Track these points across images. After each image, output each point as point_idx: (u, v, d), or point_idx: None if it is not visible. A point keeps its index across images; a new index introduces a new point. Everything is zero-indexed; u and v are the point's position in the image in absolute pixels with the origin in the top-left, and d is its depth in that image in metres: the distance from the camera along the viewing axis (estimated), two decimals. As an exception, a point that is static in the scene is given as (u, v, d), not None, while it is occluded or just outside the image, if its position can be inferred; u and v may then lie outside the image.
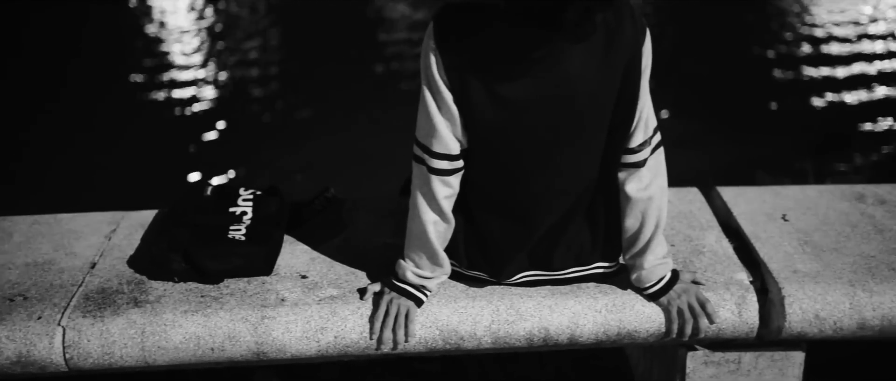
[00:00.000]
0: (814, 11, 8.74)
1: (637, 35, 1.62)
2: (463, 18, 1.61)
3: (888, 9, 8.83)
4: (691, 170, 3.97)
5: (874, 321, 1.89)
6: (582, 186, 1.76)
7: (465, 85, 1.61)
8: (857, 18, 8.47)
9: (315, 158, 5.04)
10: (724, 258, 2.03)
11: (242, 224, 2.04)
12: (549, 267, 1.85)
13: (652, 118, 1.73)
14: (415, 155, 1.72)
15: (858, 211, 2.24)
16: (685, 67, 6.70)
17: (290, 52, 7.45)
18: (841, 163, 5.37)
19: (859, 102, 6.23)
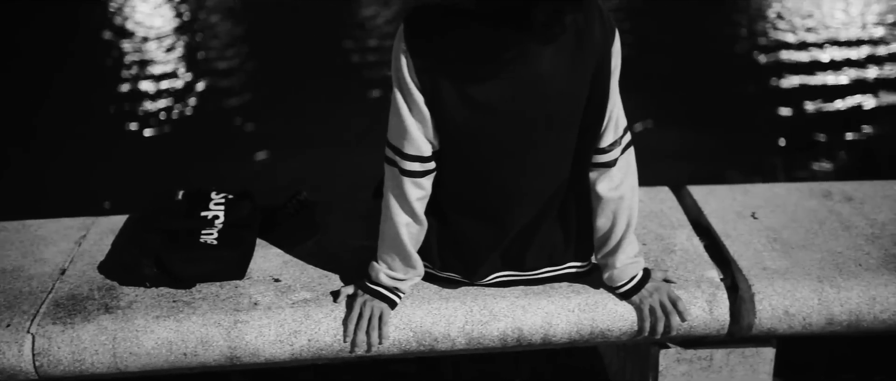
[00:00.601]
0: (784, 12, 8.84)
1: (606, 36, 1.63)
2: (433, 20, 1.61)
3: (857, 9, 8.96)
4: (662, 169, 4.00)
5: (842, 316, 1.91)
6: (554, 187, 1.77)
7: (436, 86, 1.62)
8: (826, 19, 8.58)
9: (287, 161, 5.02)
10: (694, 257, 2.05)
11: (214, 228, 2.03)
12: (521, 267, 1.86)
13: (622, 118, 1.74)
14: (386, 157, 1.72)
15: (826, 208, 2.27)
16: (656, 67, 6.75)
17: (261, 55, 7.41)
18: (810, 160, 5.44)
19: (828, 100, 6.31)
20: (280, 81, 6.54)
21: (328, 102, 5.98)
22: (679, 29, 8.13)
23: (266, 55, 7.28)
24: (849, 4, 9.09)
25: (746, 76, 6.98)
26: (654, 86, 6.23)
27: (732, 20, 8.71)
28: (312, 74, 6.62)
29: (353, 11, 8.73)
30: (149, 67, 6.86)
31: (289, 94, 6.20)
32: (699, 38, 7.91)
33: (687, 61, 7.15)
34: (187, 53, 7.29)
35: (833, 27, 8.31)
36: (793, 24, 8.39)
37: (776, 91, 6.56)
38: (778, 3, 9.15)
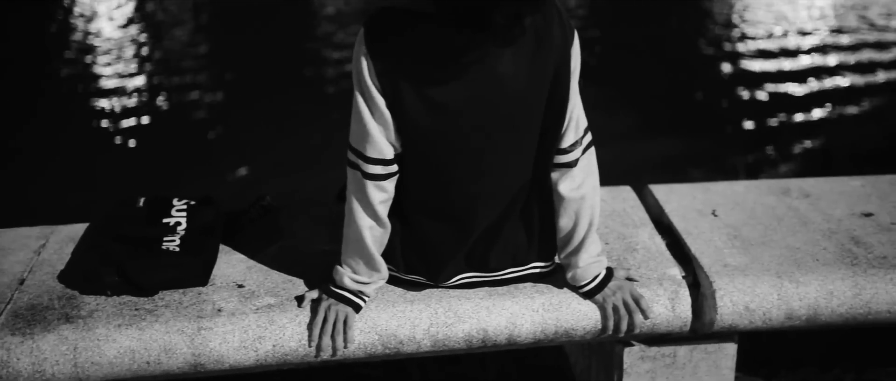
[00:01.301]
0: (744, 10, 8.96)
1: (566, 37, 1.65)
2: (394, 23, 1.62)
3: (817, 12, 9.10)
4: (625, 168, 4.03)
5: (801, 310, 1.95)
6: (516, 187, 1.78)
7: (397, 89, 1.62)
8: (787, 21, 8.70)
9: (250, 166, 4.99)
10: (657, 255, 2.08)
11: (176, 235, 2.01)
12: (486, 268, 1.87)
13: (582, 119, 1.76)
14: (349, 161, 1.72)
15: (784, 205, 2.31)
16: (616, 67, 6.80)
17: (223, 62, 7.36)
18: (770, 158, 5.51)
19: (788, 100, 6.41)
20: (242, 87, 6.49)
21: (290, 107, 5.95)
22: (640, 30, 8.20)
23: (229, 62, 7.23)
24: (809, 8, 9.24)
25: (707, 76, 7.06)
26: (616, 86, 6.28)
27: (694, 21, 8.81)
28: (275, 79, 6.58)
29: (316, 18, 8.70)
30: (110, 75, 6.77)
31: (251, 100, 6.16)
32: (660, 39, 7.99)
33: (648, 62, 7.22)
34: (148, 62, 7.22)
35: (794, 29, 8.44)
36: (754, 26, 8.51)
37: (737, 91, 6.65)
38: (739, 5, 9.27)
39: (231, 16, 8.64)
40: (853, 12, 8.95)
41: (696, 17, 8.93)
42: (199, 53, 7.61)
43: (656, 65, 7.15)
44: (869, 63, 7.33)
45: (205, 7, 9.09)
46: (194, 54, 7.56)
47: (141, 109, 5.99)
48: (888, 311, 1.97)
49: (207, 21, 8.73)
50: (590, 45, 7.10)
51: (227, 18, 8.61)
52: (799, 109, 6.21)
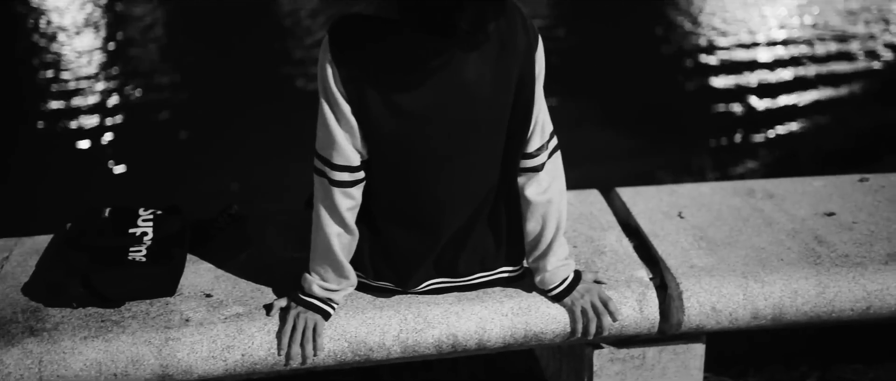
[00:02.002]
0: (711, 13, 9.05)
1: (530, 42, 1.66)
2: (358, 30, 1.62)
3: (783, 11, 9.22)
4: (593, 171, 4.06)
5: (766, 310, 1.97)
6: (483, 192, 1.79)
7: (362, 96, 1.62)
8: (752, 20, 8.81)
9: (218, 175, 4.95)
10: (624, 257, 2.09)
11: (143, 245, 1.99)
12: (454, 274, 1.87)
13: (548, 123, 1.77)
14: (315, 168, 1.72)
15: (749, 206, 2.34)
16: (584, 71, 6.85)
17: (190, 69, 7.30)
18: (737, 159, 5.58)
19: (755, 100, 6.49)
20: (209, 95, 6.45)
21: (257, 115, 5.91)
22: (607, 31, 8.26)
23: (195, 72, 7.17)
24: (774, 6, 9.36)
25: (674, 78, 7.13)
26: (583, 90, 6.32)
27: (660, 21, 8.88)
28: (241, 87, 6.55)
29: (282, 25, 8.67)
30: (72, 85, 6.69)
31: (217, 108, 6.12)
32: (627, 41, 8.05)
33: (615, 64, 7.27)
34: (113, 73, 7.15)
35: (760, 29, 8.54)
36: (720, 26, 8.60)
37: (702, 93, 6.72)
38: (706, 4, 9.37)
39: (197, 24, 8.59)
40: (815, 16, 9.08)
41: (663, 17, 9.01)
42: (165, 64, 7.55)
43: (622, 68, 7.20)
44: (831, 65, 7.45)
45: (171, 17, 9.03)
46: (161, 64, 7.50)
47: (105, 120, 5.93)
48: (851, 309, 2.00)
49: (174, 30, 8.67)
50: (555, 49, 7.14)
51: (193, 27, 8.55)
52: (764, 111, 6.29)
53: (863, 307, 2.00)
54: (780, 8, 9.31)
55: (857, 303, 2.00)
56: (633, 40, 8.09)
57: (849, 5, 9.34)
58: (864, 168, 2.80)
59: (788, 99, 6.56)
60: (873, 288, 2.00)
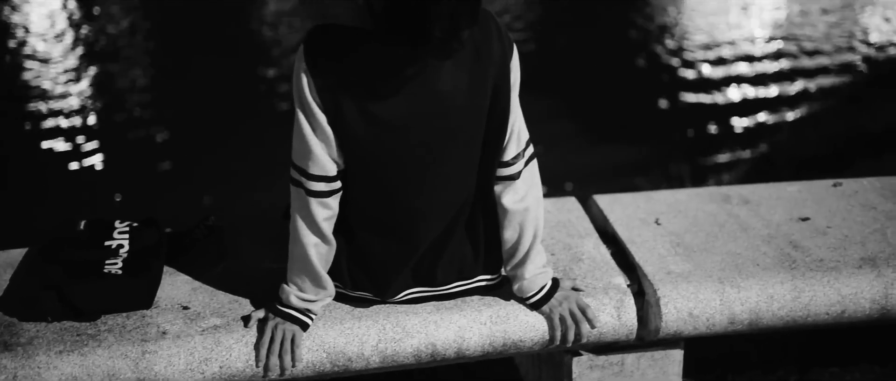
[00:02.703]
0: (687, 22, 9.12)
1: (504, 51, 1.67)
2: (332, 39, 1.62)
3: (758, 20, 9.30)
4: (571, 179, 4.08)
5: (743, 315, 1.99)
6: (460, 201, 1.79)
7: (338, 105, 1.62)
8: (729, 28, 8.88)
9: (194, 186, 4.92)
10: (602, 264, 2.10)
11: (119, 258, 1.98)
12: (433, 283, 1.87)
13: (524, 131, 1.78)
14: (292, 178, 1.71)
15: (725, 212, 2.35)
16: (561, 79, 6.87)
17: (165, 80, 7.26)
18: (714, 165, 5.62)
19: (731, 107, 6.54)
20: (185, 106, 6.42)
21: (233, 126, 5.89)
22: (583, 39, 8.30)
23: (173, 82, 7.14)
24: (751, 16, 9.44)
25: (651, 85, 7.17)
26: (559, 97, 6.34)
27: (637, 30, 8.94)
28: (218, 98, 6.52)
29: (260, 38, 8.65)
30: (46, 97, 6.64)
31: (194, 118, 6.09)
32: (604, 49, 8.10)
33: (592, 71, 7.31)
34: (88, 82, 7.09)
35: (736, 37, 8.61)
36: (696, 35, 8.66)
37: (679, 99, 6.77)
38: (681, 13, 9.43)
39: (174, 36, 8.55)
40: (791, 21, 9.17)
41: (640, 26, 9.07)
42: (143, 77, 7.51)
43: (600, 74, 7.24)
44: (805, 72, 7.52)
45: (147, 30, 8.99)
46: (138, 78, 7.45)
47: (81, 133, 5.88)
48: (826, 313, 2.02)
49: (150, 44, 8.62)
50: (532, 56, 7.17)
51: (170, 40, 8.51)
52: (740, 116, 6.34)
53: (838, 311, 2.02)
54: (755, 17, 9.39)
55: (831, 307, 2.01)
56: (609, 48, 8.14)
57: (822, 13, 9.43)
58: (838, 173, 2.84)
59: (764, 105, 6.62)
60: (847, 292, 2.02)
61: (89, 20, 8.94)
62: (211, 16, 8.83)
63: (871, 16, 9.37)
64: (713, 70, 7.44)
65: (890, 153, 4.71)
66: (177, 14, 8.88)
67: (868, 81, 7.24)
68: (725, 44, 8.22)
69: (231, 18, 8.96)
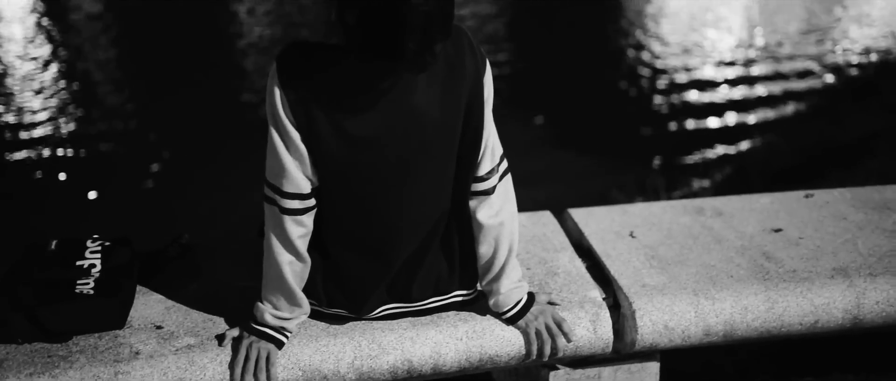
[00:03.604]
0: (661, 35, 9.21)
1: (477, 66, 1.67)
2: (305, 56, 1.62)
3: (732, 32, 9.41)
4: (545, 193, 4.08)
5: (718, 326, 2.00)
6: (435, 216, 1.79)
7: (311, 123, 1.62)
8: (702, 41, 8.97)
9: (168, 204, 4.89)
10: (577, 278, 2.11)
11: (90, 277, 1.96)
12: (408, 299, 1.87)
13: (498, 146, 1.78)
14: (265, 196, 1.71)
15: (699, 224, 2.37)
16: (535, 92, 6.91)
17: (140, 96, 7.22)
18: (689, 176, 5.65)
19: (705, 120, 6.60)
20: (159, 122, 6.38)
21: (207, 143, 5.87)
22: (558, 53, 8.35)
23: (146, 100, 7.10)
24: (723, 29, 9.54)
25: (625, 98, 7.23)
26: (534, 111, 6.37)
27: (611, 42, 9.01)
28: (191, 115, 6.49)
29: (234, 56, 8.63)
30: (23, 112, 6.57)
31: (167, 135, 6.06)
32: (578, 63, 8.15)
33: (566, 85, 7.35)
34: (62, 100, 7.03)
35: (709, 49, 8.70)
36: (671, 48, 8.74)
37: (655, 112, 6.82)
38: (656, 29, 9.52)
39: (149, 54, 8.51)
40: (764, 37, 9.29)
41: (614, 38, 9.14)
42: (116, 95, 7.46)
43: (574, 87, 7.28)
44: (778, 84, 7.61)
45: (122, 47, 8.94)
46: (111, 96, 7.41)
47: (54, 151, 5.82)
48: (800, 323, 2.03)
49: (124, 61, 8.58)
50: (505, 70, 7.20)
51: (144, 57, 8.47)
52: (716, 129, 6.40)
53: (811, 321, 2.04)
54: (728, 29, 9.50)
55: (805, 317, 2.03)
56: (584, 63, 8.19)
57: (794, 26, 9.56)
58: (810, 184, 2.87)
59: (738, 117, 6.69)
60: (820, 302, 2.04)
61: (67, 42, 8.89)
62: (189, 36, 8.81)
63: (840, 30, 9.51)
64: (687, 84, 7.51)
65: (860, 164, 4.76)
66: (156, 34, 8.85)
67: (838, 93, 7.34)
68: (699, 57, 8.31)
69: (210, 40, 8.94)
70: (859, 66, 8.32)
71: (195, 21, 9.08)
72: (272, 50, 8.56)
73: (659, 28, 9.60)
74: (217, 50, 8.76)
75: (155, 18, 9.20)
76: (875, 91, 6.70)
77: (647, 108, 6.97)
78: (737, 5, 10.06)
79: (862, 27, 9.61)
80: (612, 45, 8.99)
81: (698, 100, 7.09)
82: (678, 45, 8.89)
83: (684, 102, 7.04)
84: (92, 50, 8.68)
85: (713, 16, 9.79)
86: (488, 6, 9.69)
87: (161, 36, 8.84)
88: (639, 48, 8.80)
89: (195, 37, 8.87)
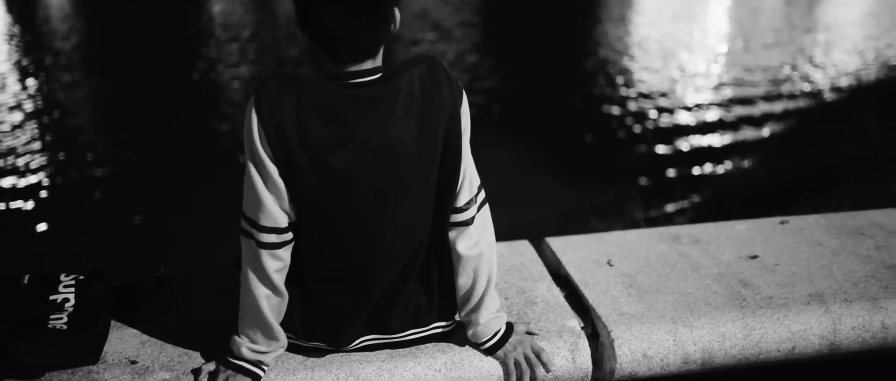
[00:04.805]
0: (638, 63, 9.30)
1: (454, 97, 1.68)
2: (283, 90, 1.62)
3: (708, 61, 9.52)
4: (523, 222, 4.10)
5: (696, 355, 2.00)
6: (414, 247, 1.78)
7: (289, 157, 1.62)
8: (680, 71, 9.07)
9: (144, 237, 4.85)
10: (556, 307, 2.11)
11: (64, 312, 1.93)
12: (387, 330, 1.86)
13: (475, 177, 1.78)
14: (242, 230, 1.70)
15: (676, 251, 2.38)
16: (512, 123, 6.95)
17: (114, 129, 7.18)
18: (665, 205, 5.69)
19: (681, 149, 6.65)
20: (135, 158, 6.35)
21: (184, 176, 5.84)
22: (534, 84, 8.41)
23: (121, 131, 7.06)
24: (698, 57, 9.65)
25: (601, 127, 7.28)
26: (510, 140, 6.40)
27: (589, 72, 9.09)
28: (169, 150, 6.47)
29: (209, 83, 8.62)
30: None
31: (144, 169, 6.03)
32: (554, 93, 8.21)
33: (543, 116, 7.40)
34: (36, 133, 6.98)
35: (686, 79, 8.80)
36: (647, 77, 8.83)
37: (631, 141, 6.87)
38: (631, 58, 9.62)
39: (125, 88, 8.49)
40: (738, 65, 9.40)
41: (591, 68, 9.22)
42: (90, 124, 7.41)
43: (548, 119, 7.33)
44: (752, 111, 7.69)
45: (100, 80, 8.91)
46: (86, 128, 7.36)
47: (28, 183, 5.77)
48: (777, 350, 2.04)
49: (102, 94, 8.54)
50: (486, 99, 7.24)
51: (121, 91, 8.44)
52: (693, 157, 6.45)
53: (788, 348, 2.05)
54: (704, 58, 9.60)
55: (782, 344, 2.04)
56: (560, 93, 8.26)
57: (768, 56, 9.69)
58: (786, 209, 2.89)
59: (714, 143, 6.75)
60: (797, 328, 2.05)
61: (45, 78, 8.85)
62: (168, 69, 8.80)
63: (813, 60, 9.64)
64: (663, 112, 7.58)
65: (834, 189, 4.82)
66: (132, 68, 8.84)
67: (811, 121, 7.44)
68: (676, 86, 8.39)
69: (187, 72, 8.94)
70: (830, 94, 8.44)
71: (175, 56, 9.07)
72: (251, 85, 8.59)
73: (635, 58, 9.69)
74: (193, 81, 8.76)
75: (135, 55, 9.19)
76: (848, 117, 6.79)
77: (623, 136, 7.02)
78: (715, 33, 10.17)
79: (835, 53, 9.75)
80: (591, 72, 9.07)
81: (674, 127, 7.15)
82: (657, 72, 8.98)
83: (662, 129, 7.10)
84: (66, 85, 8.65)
85: (691, 43, 9.90)
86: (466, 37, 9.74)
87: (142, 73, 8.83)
88: (615, 79, 8.88)
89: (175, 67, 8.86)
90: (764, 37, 10.17)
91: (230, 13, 10.35)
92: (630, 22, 13.03)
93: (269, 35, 10.15)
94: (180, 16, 10.13)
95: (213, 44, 9.78)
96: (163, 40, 9.59)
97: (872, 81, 8.94)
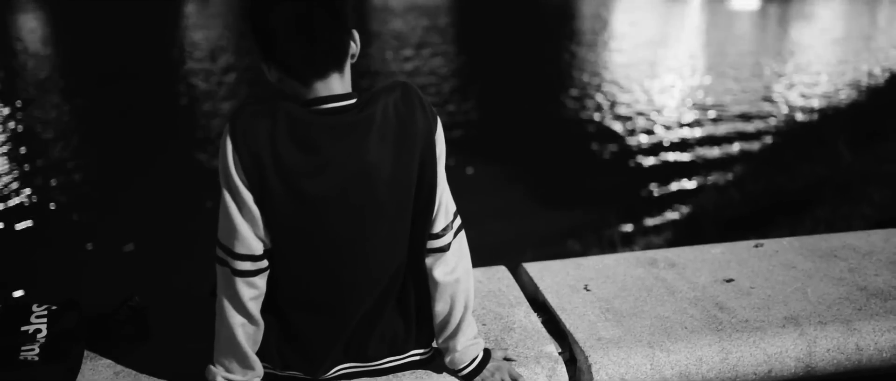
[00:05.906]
0: (615, 88, 9.37)
1: (429, 123, 1.69)
2: (259, 118, 1.62)
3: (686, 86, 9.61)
4: (500, 247, 4.10)
5: (673, 379, 2.00)
6: (390, 273, 1.78)
7: (264, 184, 1.61)
8: (658, 95, 9.16)
9: (116, 264, 4.81)
10: (533, 333, 2.10)
11: (36, 343, 1.91)
12: (364, 358, 1.85)
13: (451, 203, 1.79)
14: (217, 257, 1.69)
15: (652, 275, 2.39)
16: (486, 148, 6.97)
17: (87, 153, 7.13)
18: (642, 226, 5.72)
19: (660, 172, 6.70)
20: (109, 185, 6.30)
21: (159, 204, 5.81)
22: (508, 108, 8.45)
23: (96, 159, 7.02)
24: (676, 84, 9.75)
25: (577, 151, 7.32)
26: (485, 166, 6.42)
27: (563, 98, 9.14)
28: (142, 176, 6.43)
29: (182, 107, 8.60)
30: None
31: (117, 197, 5.98)
32: (529, 118, 8.26)
33: (518, 141, 7.43)
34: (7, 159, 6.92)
35: (661, 104, 8.88)
36: (623, 101, 8.90)
37: (606, 165, 6.92)
38: (607, 82, 9.70)
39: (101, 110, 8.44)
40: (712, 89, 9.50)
41: (570, 92, 9.28)
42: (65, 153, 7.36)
43: (523, 144, 7.36)
44: (727, 135, 7.77)
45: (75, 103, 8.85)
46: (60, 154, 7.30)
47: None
48: (754, 373, 2.05)
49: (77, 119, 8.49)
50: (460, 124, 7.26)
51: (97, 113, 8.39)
52: (667, 179, 6.50)
53: (764, 371, 2.06)
54: (679, 85, 9.70)
55: (758, 367, 2.05)
56: (535, 118, 8.30)
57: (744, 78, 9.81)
58: (760, 232, 2.92)
59: (689, 166, 6.80)
60: (773, 351, 2.06)
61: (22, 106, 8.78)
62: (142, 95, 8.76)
63: (786, 83, 9.77)
64: (639, 133, 7.64)
65: (807, 212, 4.87)
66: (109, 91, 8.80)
67: (785, 144, 7.52)
68: (651, 111, 8.46)
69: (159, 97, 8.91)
70: (803, 117, 8.55)
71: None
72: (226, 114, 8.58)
73: (611, 82, 9.77)
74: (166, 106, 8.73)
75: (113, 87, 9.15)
76: (820, 141, 6.88)
77: (601, 157, 7.07)
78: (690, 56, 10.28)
79: (809, 76, 9.89)
80: (564, 100, 9.13)
81: (650, 146, 7.21)
82: (631, 97, 9.06)
83: (638, 152, 7.15)
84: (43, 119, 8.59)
85: (667, 66, 10.00)
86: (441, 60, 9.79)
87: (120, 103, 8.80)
88: (590, 103, 8.94)
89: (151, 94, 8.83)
90: (738, 60, 10.30)
91: (213, 39, 10.34)
92: (607, 45, 13.17)
93: (252, 63, 10.15)
94: (160, 39, 10.10)
95: (191, 68, 9.76)
96: (141, 65, 9.55)
97: (843, 105, 9.07)
